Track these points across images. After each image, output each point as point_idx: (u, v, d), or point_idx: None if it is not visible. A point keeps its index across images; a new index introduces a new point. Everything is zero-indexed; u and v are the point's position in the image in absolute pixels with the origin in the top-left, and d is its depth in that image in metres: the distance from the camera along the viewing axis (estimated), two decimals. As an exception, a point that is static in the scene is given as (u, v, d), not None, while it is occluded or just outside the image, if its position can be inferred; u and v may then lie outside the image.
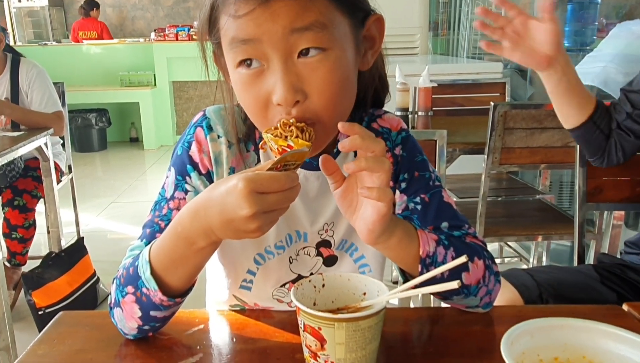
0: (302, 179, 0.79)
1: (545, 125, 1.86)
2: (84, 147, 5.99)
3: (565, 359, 0.59)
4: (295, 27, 0.62)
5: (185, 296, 0.70)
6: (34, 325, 2.29)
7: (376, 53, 0.74)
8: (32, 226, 2.55)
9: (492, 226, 2.06)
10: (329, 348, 0.60)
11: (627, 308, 0.80)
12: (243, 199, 0.56)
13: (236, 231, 0.60)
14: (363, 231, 0.66)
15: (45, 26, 7.81)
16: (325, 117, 0.66)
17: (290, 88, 0.63)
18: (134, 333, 0.71)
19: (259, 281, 0.83)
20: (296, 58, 0.64)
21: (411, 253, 0.70)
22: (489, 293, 0.76)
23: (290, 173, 0.59)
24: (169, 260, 0.66)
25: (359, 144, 0.60)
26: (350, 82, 0.69)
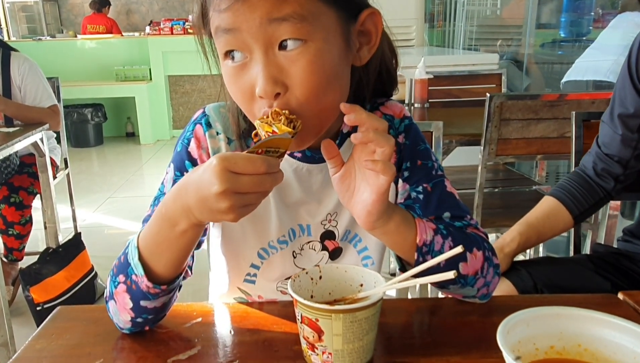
0: (305, 173, 0.79)
1: (541, 116, 1.86)
2: (80, 142, 5.97)
3: (561, 347, 0.59)
4: (272, 18, 0.61)
5: (172, 285, 0.69)
6: (32, 321, 2.29)
7: (373, 48, 0.72)
8: (28, 223, 2.54)
9: (489, 217, 2.06)
10: (326, 340, 0.61)
11: (622, 296, 0.81)
12: (215, 176, 0.56)
13: (210, 211, 0.59)
14: (361, 214, 0.66)
15: (39, 21, 7.77)
16: (309, 110, 0.65)
17: (270, 80, 0.63)
18: (129, 327, 0.72)
19: (262, 276, 0.83)
20: (277, 50, 0.63)
21: (408, 240, 0.70)
22: (486, 284, 0.77)
23: (268, 158, 0.59)
24: (155, 243, 0.67)
25: (364, 119, 0.61)
26: (335, 76, 0.67)
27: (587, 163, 1.28)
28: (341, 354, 0.61)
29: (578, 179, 1.27)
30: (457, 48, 4.54)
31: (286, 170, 0.79)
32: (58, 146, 2.85)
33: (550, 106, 1.83)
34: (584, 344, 0.59)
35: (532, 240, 1.26)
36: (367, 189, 0.64)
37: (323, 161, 0.77)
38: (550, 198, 1.29)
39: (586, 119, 1.43)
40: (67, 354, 0.68)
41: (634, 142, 1.22)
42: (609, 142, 1.24)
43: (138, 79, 6.03)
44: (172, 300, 0.74)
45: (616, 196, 1.29)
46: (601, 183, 1.25)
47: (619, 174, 1.24)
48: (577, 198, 1.25)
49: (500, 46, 3.89)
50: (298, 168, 0.79)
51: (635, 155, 1.22)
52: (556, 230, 1.29)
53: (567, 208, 1.25)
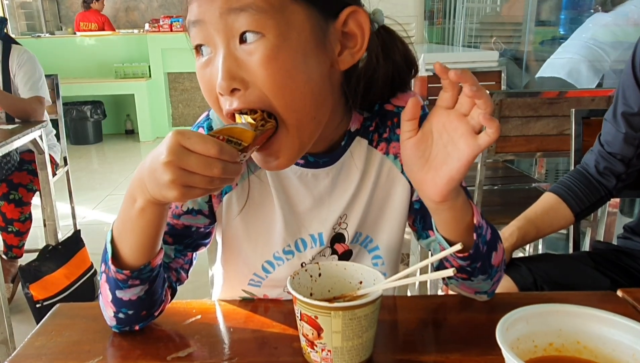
0: (311, 179, 0.77)
1: (540, 113, 1.86)
2: (79, 139, 5.96)
3: (559, 344, 0.59)
4: (231, 7, 0.60)
5: (138, 273, 0.67)
6: (32, 318, 2.29)
7: (358, 53, 0.67)
8: (28, 220, 2.54)
9: (489, 215, 2.06)
10: (325, 337, 0.61)
11: (622, 294, 0.81)
12: (166, 146, 0.56)
13: (157, 183, 0.58)
14: (440, 182, 0.62)
15: (39, 18, 7.74)
16: (275, 110, 0.63)
17: (227, 75, 0.61)
18: (115, 325, 0.71)
19: (268, 283, 0.82)
20: (238, 44, 0.61)
21: (466, 220, 0.68)
22: (499, 279, 0.77)
23: (223, 143, 0.57)
24: (122, 223, 0.66)
25: (469, 76, 0.57)
26: (300, 76, 0.63)
27: (589, 161, 1.28)
28: (340, 351, 0.61)
29: (580, 177, 1.27)
30: (457, 45, 4.53)
31: (290, 178, 0.77)
32: (58, 144, 2.84)
33: (550, 104, 1.83)
34: (583, 341, 0.59)
35: (531, 235, 1.26)
36: (453, 154, 0.61)
37: (328, 165, 0.77)
38: (551, 194, 1.29)
39: (586, 117, 1.43)
40: (67, 351, 0.68)
41: (637, 140, 1.22)
42: (611, 140, 1.24)
43: (137, 76, 6.02)
44: (154, 299, 0.71)
45: (618, 194, 1.29)
46: (603, 181, 1.26)
47: (622, 172, 1.24)
48: (579, 195, 1.25)
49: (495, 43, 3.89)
50: (303, 174, 0.77)
51: (638, 153, 1.23)
52: (555, 226, 1.29)
53: (567, 205, 1.25)
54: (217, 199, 0.78)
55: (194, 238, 0.80)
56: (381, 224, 0.81)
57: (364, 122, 0.78)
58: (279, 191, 0.78)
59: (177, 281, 0.80)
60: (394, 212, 0.81)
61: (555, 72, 2.98)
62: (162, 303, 0.74)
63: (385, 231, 0.81)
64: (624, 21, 2.85)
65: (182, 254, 0.80)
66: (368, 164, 0.79)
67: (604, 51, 2.84)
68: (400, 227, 0.81)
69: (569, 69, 2.89)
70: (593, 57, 2.86)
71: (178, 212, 0.77)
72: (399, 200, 0.80)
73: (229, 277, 0.86)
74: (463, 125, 0.60)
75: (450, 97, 0.61)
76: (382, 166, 0.79)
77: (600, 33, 2.87)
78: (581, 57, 2.88)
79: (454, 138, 0.61)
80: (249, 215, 0.79)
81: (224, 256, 0.84)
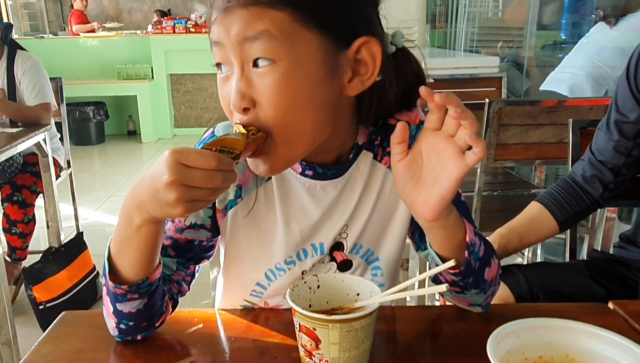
0: (319, 190, 0.79)
1: (539, 121, 1.88)
2: (81, 140, 5.99)
3: (549, 357, 0.61)
4: (246, 36, 0.64)
5: (136, 288, 0.69)
6: (34, 320, 2.32)
7: (368, 81, 0.69)
8: (31, 221, 2.57)
9: (488, 221, 2.08)
10: (323, 348, 0.63)
11: (613, 306, 0.82)
12: (166, 166, 0.58)
13: (160, 203, 0.59)
14: (433, 201, 0.64)
15: (42, 18, 7.79)
16: (274, 130, 0.66)
17: (239, 95, 0.65)
18: (117, 334, 0.73)
19: (269, 293, 0.84)
20: (251, 67, 0.65)
21: (458, 237, 0.70)
22: (493, 293, 0.78)
23: (220, 155, 0.60)
24: (119, 242, 0.68)
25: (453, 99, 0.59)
26: (307, 101, 0.66)
27: (576, 170, 1.30)
28: (338, 362, 0.63)
29: (565, 186, 1.29)
30: (459, 50, 4.55)
31: (299, 190, 0.79)
32: (62, 147, 2.87)
33: (549, 112, 1.85)
34: (572, 355, 0.61)
35: (514, 244, 1.27)
36: (442, 174, 0.63)
37: (336, 177, 0.79)
38: (536, 203, 1.30)
39: (583, 127, 1.45)
40: (72, 359, 0.71)
41: (628, 149, 1.24)
42: (602, 148, 1.26)
43: (140, 77, 6.04)
44: (153, 311, 0.73)
45: (604, 204, 1.30)
46: (589, 189, 1.27)
47: (610, 181, 1.26)
48: (563, 204, 1.27)
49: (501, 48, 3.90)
50: (311, 186, 0.79)
51: (628, 163, 1.24)
52: (540, 235, 1.30)
53: (552, 214, 1.27)
54: (221, 214, 0.80)
55: (196, 251, 0.82)
56: (384, 238, 0.83)
57: (370, 136, 0.80)
58: (284, 205, 0.80)
59: (178, 292, 0.81)
60: (396, 226, 0.82)
61: (558, 87, 2.97)
62: (162, 314, 0.75)
63: (387, 245, 0.83)
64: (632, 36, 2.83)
65: (184, 267, 0.82)
66: (372, 177, 0.81)
67: (610, 68, 2.82)
68: (401, 241, 0.83)
69: (571, 85, 2.88)
70: (598, 74, 2.83)
71: (181, 227, 0.78)
72: (401, 214, 0.82)
73: (231, 289, 0.88)
74: (451, 146, 0.62)
75: (437, 119, 0.63)
76: (386, 180, 0.81)
77: (607, 50, 2.85)
78: (585, 74, 2.84)
79: (443, 158, 0.63)
80: (253, 228, 0.81)
81: (226, 269, 0.86)
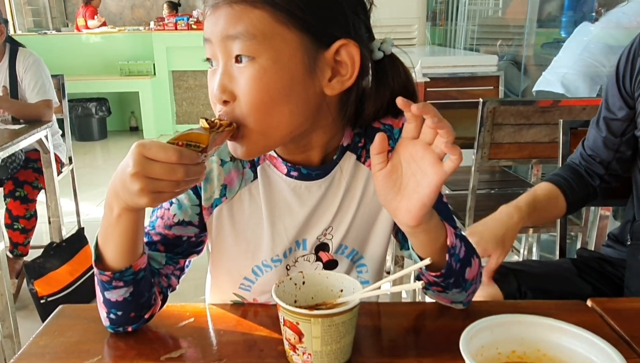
0: (304, 191, 0.82)
1: (533, 121, 1.90)
2: (84, 136, 6.03)
3: (522, 352, 0.64)
4: (228, 34, 0.69)
5: (120, 275, 0.72)
6: (36, 314, 2.36)
7: (347, 81, 0.73)
8: (33, 217, 2.60)
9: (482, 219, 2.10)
10: (306, 342, 0.66)
11: (591, 303, 0.85)
12: (130, 158, 0.61)
13: (128, 193, 0.63)
14: (413, 208, 0.66)
15: (45, 15, 7.82)
16: (251, 123, 0.70)
17: (220, 88, 0.70)
18: (108, 325, 0.77)
19: (256, 288, 0.87)
20: (234, 63, 0.70)
21: (440, 240, 0.72)
22: (474, 291, 0.81)
23: (183, 149, 0.62)
24: (103, 230, 0.72)
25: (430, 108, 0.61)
26: (283, 97, 0.70)
27: (575, 159, 1.33)
28: (320, 355, 0.66)
29: (571, 171, 1.31)
30: (459, 47, 4.57)
31: (284, 190, 0.82)
32: (63, 144, 2.90)
33: (542, 112, 1.88)
34: (543, 349, 0.63)
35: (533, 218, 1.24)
36: (422, 181, 0.65)
37: (321, 177, 0.81)
38: (547, 183, 1.30)
39: (573, 127, 1.47)
40: (68, 350, 0.74)
41: (616, 145, 1.26)
42: (592, 144, 1.30)
43: (142, 74, 6.07)
44: (141, 301, 0.76)
45: (602, 195, 1.32)
46: (588, 178, 1.30)
47: (602, 174, 1.29)
48: (572, 186, 1.28)
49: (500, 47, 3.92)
50: (297, 187, 0.81)
51: (617, 158, 1.27)
52: (554, 213, 1.31)
53: (563, 194, 1.27)
54: (207, 211, 0.83)
55: (184, 247, 0.84)
56: (369, 238, 0.86)
57: (354, 138, 0.83)
58: (270, 205, 0.82)
59: (167, 286, 0.84)
60: (380, 227, 0.85)
61: (552, 86, 2.99)
62: (151, 307, 0.78)
63: (372, 245, 0.86)
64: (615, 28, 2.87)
65: (173, 261, 0.84)
66: (355, 178, 0.83)
67: (599, 62, 2.86)
68: (385, 240, 0.86)
69: (566, 83, 2.91)
70: (589, 70, 2.87)
71: (170, 223, 0.81)
72: (385, 215, 0.84)
73: (219, 284, 0.91)
74: (429, 154, 0.64)
75: (415, 128, 0.65)
76: (369, 181, 0.83)
77: (592, 45, 2.89)
78: (577, 72, 2.89)
79: (421, 166, 0.65)
80: (239, 227, 0.84)
81: (214, 265, 0.89)
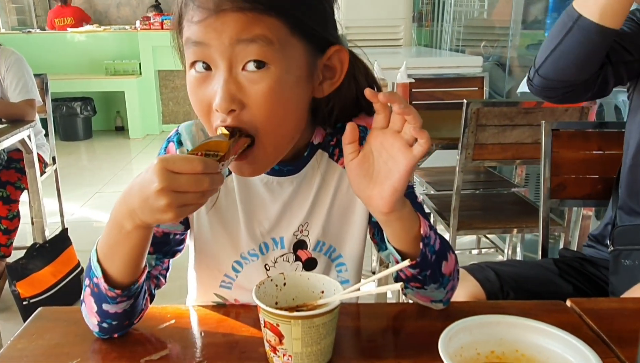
0: (276, 186, 0.83)
1: (516, 122, 1.92)
2: (69, 136, 5.97)
3: (500, 352, 0.64)
4: (240, 38, 0.65)
5: (128, 291, 0.71)
6: (18, 316, 2.33)
7: (336, 84, 0.75)
8: (16, 218, 2.57)
9: (467, 220, 2.12)
10: (286, 343, 0.66)
11: (570, 304, 0.86)
12: (155, 174, 0.60)
13: (151, 210, 0.62)
14: (386, 194, 0.68)
15: (29, 13, 7.73)
16: (261, 132, 0.69)
17: (228, 97, 0.66)
18: (97, 331, 0.75)
19: (238, 285, 0.87)
20: (240, 70, 0.67)
21: (414, 229, 0.73)
22: (453, 288, 0.82)
23: (205, 159, 0.62)
24: (108, 247, 0.70)
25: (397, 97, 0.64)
26: (292, 104, 0.71)
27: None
28: (300, 356, 0.66)
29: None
30: (445, 48, 4.59)
31: (257, 185, 0.83)
32: (47, 143, 2.87)
33: (525, 113, 1.89)
34: (521, 350, 0.64)
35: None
36: (393, 167, 0.67)
37: (293, 173, 0.83)
38: None
39: (555, 129, 1.49)
40: (47, 353, 0.73)
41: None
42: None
43: (128, 73, 6.02)
44: (137, 310, 0.76)
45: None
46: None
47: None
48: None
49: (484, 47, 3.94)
50: (269, 182, 0.83)
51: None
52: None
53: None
54: None
55: (171, 245, 0.85)
56: (344, 234, 0.87)
57: (326, 137, 0.85)
58: (244, 198, 0.84)
59: (155, 287, 0.85)
60: (355, 223, 0.86)
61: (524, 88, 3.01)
62: (142, 311, 0.78)
63: (347, 241, 0.87)
64: None
65: (161, 261, 0.85)
66: (328, 175, 0.85)
67: None
68: (361, 237, 0.87)
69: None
70: None
71: None
72: (359, 211, 0.86)
73: (202, 281, 0.90)
74: (398, 141, 0.66)
75: (383, 118, 0.68)
76: (342, 179, 0.85)
77: None
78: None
79: (391, 153, 0.67)
80: (217, 221, 0.85)
81: (196, 260, 0.89)
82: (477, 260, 2.06)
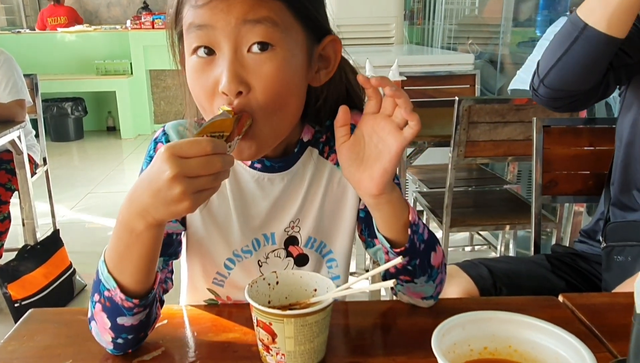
0: (267, 182, 0.83)
1: (507, 119, 1.92)
2: (60, 136, 5.94)
3: (493, 348, 0.64)
4: (247, 19, 0.65)
5: (144, 300, 0.68)
6: (10, 318, 2.31)
7: (330, 74, 0.77)
8: (6, 219, 2.55)
9: (459, 216, 2.13)
10: (279, 342, 0.66)
11: (562, 299, 0.86)
12: (164, 162, 0.57)
13: (165, 202, 0.58)
14: (376, 176, 0.69)
15: (19, 12, 7.67)
16: (266, 115, 0.69)
17: (235, 78, 0.66)
18: (111, 349, 0.71)
19: (230, 282, 0.87)
20: (246, 52, 0.67)
21: (404, 216, 0.74)
22: (442, 282, 0.82)
23: (214, 139, 0.60)
24: (118, 254, 0.66)
25: (387, 81, 0.66)
26: (295, 87, 0.72)
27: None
28: (293, 355, 0.66)
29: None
30: (436, 46, 4.60)
31: (248, 181, 0.83)
32: (37, 144, 2.85)
33: (517, 110, 1.90)
34: (514, 345, 0.64)
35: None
36: (384, 149, 0.69)
37: (283, 170, 0.83)
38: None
39: (546, 125, 1.49)
40: (38, 355, 0.72)
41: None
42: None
43: (119, 73, 6.01)
44: (151, 319, 0.73)
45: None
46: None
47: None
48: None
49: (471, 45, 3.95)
50: (260, 178, 0.83)
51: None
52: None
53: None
54: None
55: (174, 246, 0.84)
56: (334, 231, 0.87)
57: (315, 134, 0.85)
58: (236, 195, 0.84)
59: (164, 291, 0.82)
60: (345, 219, 0.87)
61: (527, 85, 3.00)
62: (155, 320, 0.75)
63: (338, 238, 0.87)
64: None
65: (167, 264, 0.83)
66: (318, 172, 0.85)
67: None
68: (350, 233, 0.88)
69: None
70: None
71: None
72: (349, 208, 0.86)
73: (193, 278, 0.90)
74: (389, 124, 0.68)
75: (375, 104, 0.69)
76: (332, 175, 0.85)
77: None
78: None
79: (382, 136, 0.69)
80: (209, 218, 0.84)
81: (189, 258, 0.88)
82: (470, 256, 2.07)
